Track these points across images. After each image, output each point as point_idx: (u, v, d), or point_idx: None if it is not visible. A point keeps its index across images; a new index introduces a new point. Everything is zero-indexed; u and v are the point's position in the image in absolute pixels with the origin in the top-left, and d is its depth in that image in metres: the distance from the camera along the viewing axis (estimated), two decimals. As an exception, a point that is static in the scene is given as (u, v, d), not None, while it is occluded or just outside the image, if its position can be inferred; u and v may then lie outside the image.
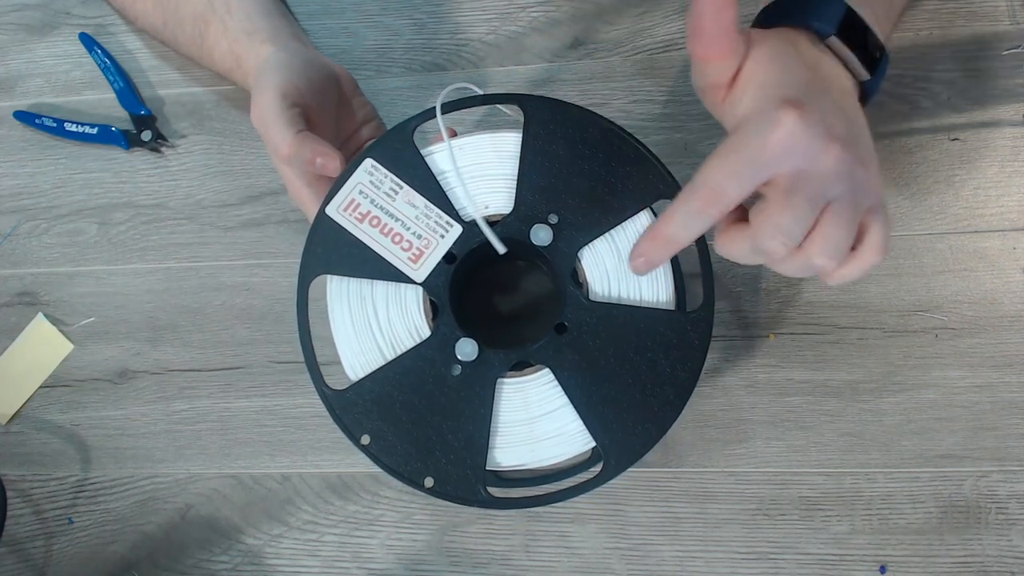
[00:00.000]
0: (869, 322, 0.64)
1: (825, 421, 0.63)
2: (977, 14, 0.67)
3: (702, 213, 0.47)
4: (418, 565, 0.64)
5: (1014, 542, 0.59)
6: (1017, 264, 0.63)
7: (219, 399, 0.70)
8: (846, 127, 0.48)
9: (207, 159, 0.75)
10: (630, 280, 0.54)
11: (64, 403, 0.72)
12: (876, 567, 0.60)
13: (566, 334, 0.53)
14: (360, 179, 0.55)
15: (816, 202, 0.46)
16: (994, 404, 0.61)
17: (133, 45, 0.79)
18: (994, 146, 0.65)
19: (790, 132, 0.45)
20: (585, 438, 0.52)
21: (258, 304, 0.71)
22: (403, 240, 0.54)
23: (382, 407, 0.53)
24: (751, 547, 0.62)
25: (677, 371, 0.53)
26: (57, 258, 0.75)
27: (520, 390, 0.53)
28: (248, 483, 0.68)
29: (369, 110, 0.68)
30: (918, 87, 0.66)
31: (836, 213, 0.46)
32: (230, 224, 0.73)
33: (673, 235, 0.48)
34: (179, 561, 0.67)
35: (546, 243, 0.54)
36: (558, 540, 0.63)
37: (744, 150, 0.46)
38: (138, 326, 0.72)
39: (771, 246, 0.46)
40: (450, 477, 0.52)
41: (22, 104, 0.79)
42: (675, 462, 0.64)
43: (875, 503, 0.61)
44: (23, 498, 0.70)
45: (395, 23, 0.76)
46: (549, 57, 0.72)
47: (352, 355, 0.54)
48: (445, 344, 0.53)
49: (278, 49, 0.64)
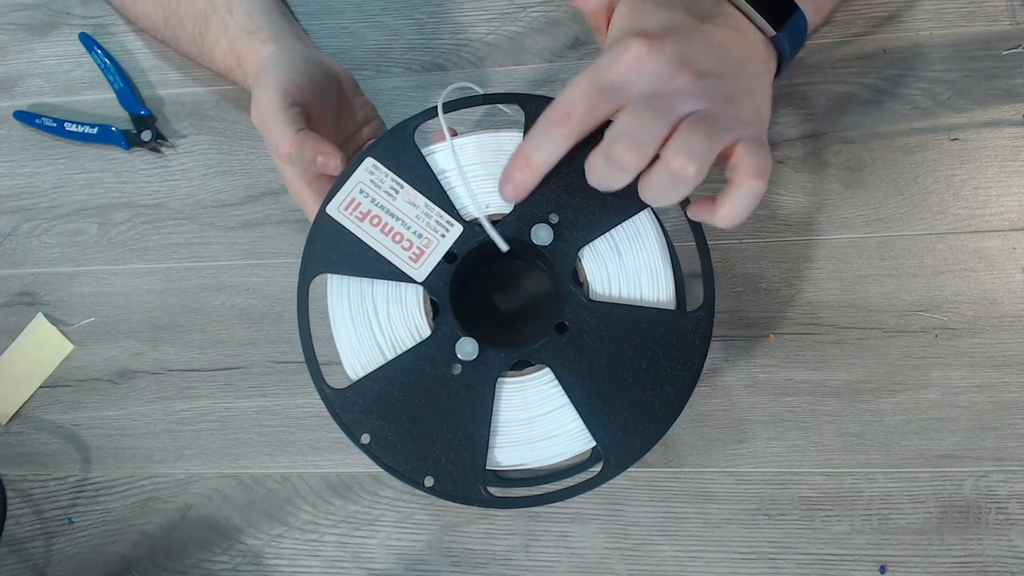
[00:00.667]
0: (869, 322, 0.64)
1: (825, 421, 0.63)
2: (977, 14, 0.67)
3: (552, 131, 0.51)
4: (418, 565, 0.64)
5: (1014, 542, 0.59)
6: (1017, 264, 0.63)
7: (219, 399, 0.70)
8: (714, 63, 0.51)
9: (207, 159, 0.75)
10: (630, 280, 0.54)
11: (64, 403, 0.72)
12: (876, 567, 0.60)
13: (566, 333, 0.53)
14: (361, 178, 0.55)
15: (663, 113, 0.49)
16: (994, 404, 0.61)
17: (133, 45, 0.79)
18: (994, 146, 0.65)
19: (636, 56, 0.49)
20: (585, 438, 0.52)
21: (258, 304, 0.71)
22: (404, 239, 0.54)
23: (382, 406, 0.53)
24: (751, 547, 0.62)
25: (677, 371, 0.53)
26: (57, 258, 0.75)
27: (520, 389, 0.53)
28: (248, 483, 0.68)
29: (369, 110, 0.68)
30: (918, 87, 0.66)
31: (690, 123, 0.49)
32: (230, 224, 0.73)
33: (531, 155, 0.52)
34: (179, 561, 0.67)
35: (547, 242, 0.54)
36: (558, 540, 0.63)
37: (592, 71, 0.50)
38: (138, 326, 0.72)
39: (617, 150, 0.48)
40: (450, 476, 0.52)
41: (22, 104, 0.79)
42: (675, 462, 0.63)
43: (875, 503, 0.61)
44: (23, 498, 0.70)
45: (395, 23, 0.76)
46: (549, 57, 0.72)
47: (352, 354, 0.54)
48: (445, 343, 0.53)
49: (279, 48, 0.64)
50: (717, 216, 0.51)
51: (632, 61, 0.49)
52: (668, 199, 0.51)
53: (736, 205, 0.50)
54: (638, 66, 0.49)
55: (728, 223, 0.51)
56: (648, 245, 0.54)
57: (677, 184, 0.49)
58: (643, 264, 0.54)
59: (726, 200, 0.50)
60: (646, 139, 0.48)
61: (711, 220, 0.52)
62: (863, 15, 0.68)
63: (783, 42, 0.55)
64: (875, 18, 0.68)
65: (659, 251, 0.54)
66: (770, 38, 0.55)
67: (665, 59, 0.49)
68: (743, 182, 0.49)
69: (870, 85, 0.67)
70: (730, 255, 0.66)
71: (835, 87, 0.67)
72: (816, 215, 0.66)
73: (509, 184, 0.53)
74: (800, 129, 0.67)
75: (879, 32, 0.68)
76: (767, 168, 0.50)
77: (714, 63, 0.51)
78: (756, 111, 0.52)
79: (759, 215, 0.66)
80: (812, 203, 0.66)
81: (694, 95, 0.49)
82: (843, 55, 0.68)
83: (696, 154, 0.48)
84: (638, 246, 0.54)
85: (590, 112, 0.50)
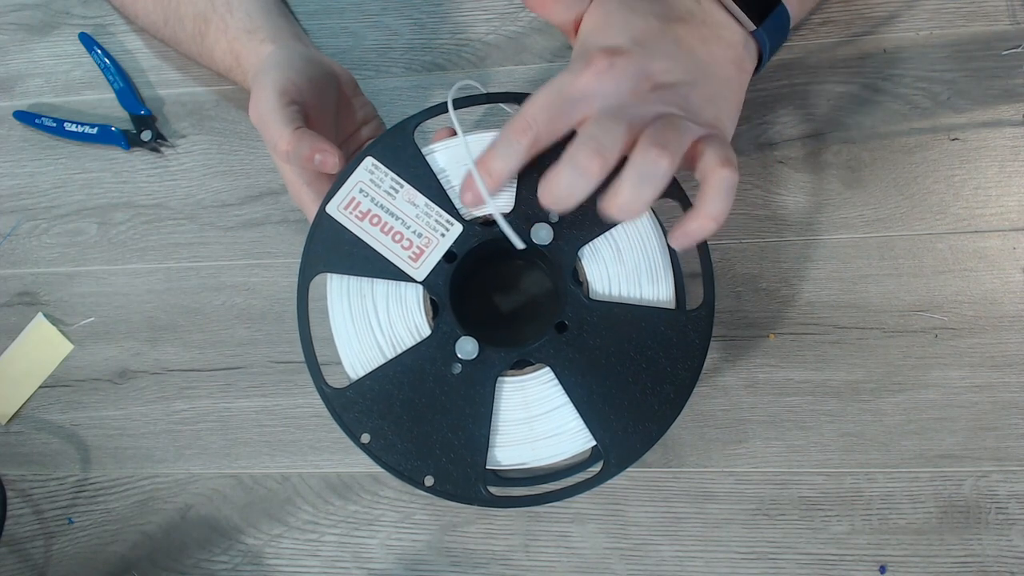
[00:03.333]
0: (869, 322, 0.64)
1: (825, 421, 0.63)
2: (977, 14, 0.67)
3: (513, 142, 0.51)
4: (418, 565, 0.64)
5: (1014, 542, 0.59)
6: (1017, 264, 0.63)
7: (219, 399, 0.70)
8: (680, 72, 0.52)
9: (207, 159, 0.75)
10: (630, 279, 0.54)
11: (64, 403, 0.72)
12: (876, 567, 0.60)
13: (566, 333, 0.53)
14: (360, 177, 0.55)
15: (626, 121, 0.49)
16: (994, 404, 0.61)
17: (133, 45, 0.79)
18: (994, 146, 0.65)
19: (596, 73, 0.50)
20: (585, 437, 0.52)
21: (258, 304, 0.71)
22: (403, 239, 0.54)
23: (382, 406, 0.53)
24: (751, 547, 0.62)
25: (677, 370, 0.53)
26: (57, 258, 0.75)
27: (520, 389, 0.53)
28: (248, 483, 0.68)
29: (369, 110, 0.68)
30: (918, 87, 0.66)
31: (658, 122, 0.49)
32: (230, 224, 0.73)
33: (491, 165, 0.52)
34: (179, 561, 0.67)
35: (547, 242, 0.54)
36: (558, 540, 0.63)
37: (555, 85, 0.51)
38: (138, 326, 0.72)
39: (581, 156, 0.49)
40: (450, 476, 0.52)
41: (22, 104, 0.79)
42: (675, 462, 0.63)
43: (875, 503, 0.61)
44: (23, 498, 0.70)
45: (395, 23, 0.76)
46: (549, 57, 0.72)
47: (352, 354, 0.54)
48: (445, 342, 0.53)
49: (278, 48, 0.64)
50: (701, 219, 0.50)
51: (593, 78, 0.50)
52: (640, 200, 0.49)
53: (716, 199, 0.49)
54: (599, 83, 0.50)
55: (715, 220, 0.50)
56: (648, 244, 0.54)
57: (649, 180, 0.48)
58: (643, 263, 0.54)
59: (704, 199, 0.50)
60: (610, 144, 0.49)
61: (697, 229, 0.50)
62: (863, 15, 0.68)
63: (763, 37, 0.55)
64: (875, 18, 0.68)
65: (659, 250, 0.54)
66: (751, 33, 0.55)
67: (627, 76, 0.50)
68: (715, 173, 0.49)
69: (870, 85, 0.67)
70: (730, 255, 0.66)
71: (835, 87, 0.67)
72: (816, 215, 0.66)
73: (468, 192, 0.53)
74: (800, 129, 0.67)
75: (879, 32, 0.68)
76: (734, 159, 0.50)
77: (680, 72, 0.52)
78: (717, 119, 0.53)
79: (759, 215, 0.66)
80: (812, 203, 0.66)
81: (660, 102, 0.51)
82: (843, 55, 0.68)
83: (667, 143, 0.48)
84: (638, 245, 0.54)
85: (551, 124, 0.51)
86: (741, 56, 0.55)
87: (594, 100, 0.50)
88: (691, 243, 0.52)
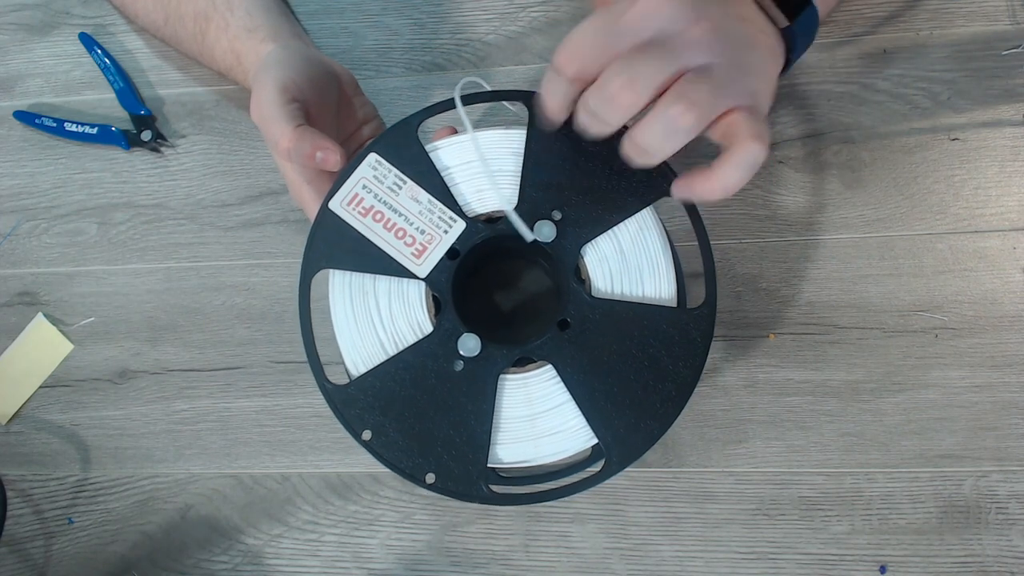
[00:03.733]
0: (869, 322, 0.64)
1: (825, 421, 0.63)
2: (977, 14, 0.67)
3: (560, 71, 0.49)
4: (418, 565, 0.64)
5: (1014, 542, 0.59)
6: (1017, 264, 0.63)
7: (219, 399, 0.70)
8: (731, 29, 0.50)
9: (207, 159, 0.75)
10: (632, 277, 0.54)
11: (64, 403, 0.72)
12: (876, 567, 0.60)
13: (568, 330, 0.53)
14: (364, 173, 0.55)
15: (669, 58, 0.47)
16: (994, 404, 0.61)
17: (133, 45, 0.79)
18: (994, 146, 0.65)
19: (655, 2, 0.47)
20: (587, 434, 0.52)
21: (258, 304, 0.71)
22: (406, 235, 0.54)
23: (383, 402, 0.53)
24: (751, 547, 0.62)
25: (679, 368, 0.52)
26: (57, 258, 0.75)
27: (522, 386, 0.53)
28: (248, 483, 0.68)
29: (370, 109, 0.68)
30: (918, 87, 0.67)
31: (694, 73, 0.47)
32: (230, 224, 0.73)
33: (543, 95, 0.51)
34: (179, 561, 0.67)
35: (549, 239, 0.54)
36: (558, 540, 0.63)
37: (607, 12, 0.48)
38: (138, 326, 0.72)
39: (614, 86, 0.47)
40: (451, 473, 0.52)
41: (22, 104, 0.79)
42: (675, 462, 0.63)
43: (875, 503, 0.61)
44: (23, 498, 0.70)
45: (395, 23, 0.76)
46: (549, 57, 0.72)
47: (354, 350, 0.54)
48: (447, 339, 0.53)
49: (279, 46, 0.64)
50: (712, 182, 0.48)
51: (648, 5, 0.47)
52: (657, 150, 0.48)
53: (736, 168, 0.48)
54: (654, 10, 0.47)
55: (724, 190, 0.49)
56: (650, 242, 0.54)
57: (671, 134, 0.47)
58: (645, 261, 0.54)
59: (724, 163, 0.48)
60: (647, 78, 0.46)
61: (703, 190, 0.49)
62: (863, 15, 0.69)
63: (794, 36, 0.54)
64: (875, 18, 0.68)
65: (661, 248, 0.54)
66: (782, 29, 0.54)
67: (682, 8, 0.47)
68: (743, 143, 0.47)
69: (870, 85, 0.67)
70: (730, 255, 0.66)
71: (835, 87, 0.68)
72: (816, 215, 0.66)
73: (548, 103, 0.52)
74: (800, 129, 0.67)
75: (879, 32, 0.68)
76: (767, 136, 0.48)
77: (731, 28, 0.49)
78: (758, 91, 0.51)
79: (759, 215, 0.66)
80: (812, 203, 0.66)
81: (706, 48, 0.47)
82: (843, 55, 0.68)
83: (697, 103, 0.46)
84: (640, 243, 0.54)
85: (598, 53, 0.48)
86: (775, 45, 0.53)
87: (646, 31, 0.47)
88: (689, 198, 0.51)
